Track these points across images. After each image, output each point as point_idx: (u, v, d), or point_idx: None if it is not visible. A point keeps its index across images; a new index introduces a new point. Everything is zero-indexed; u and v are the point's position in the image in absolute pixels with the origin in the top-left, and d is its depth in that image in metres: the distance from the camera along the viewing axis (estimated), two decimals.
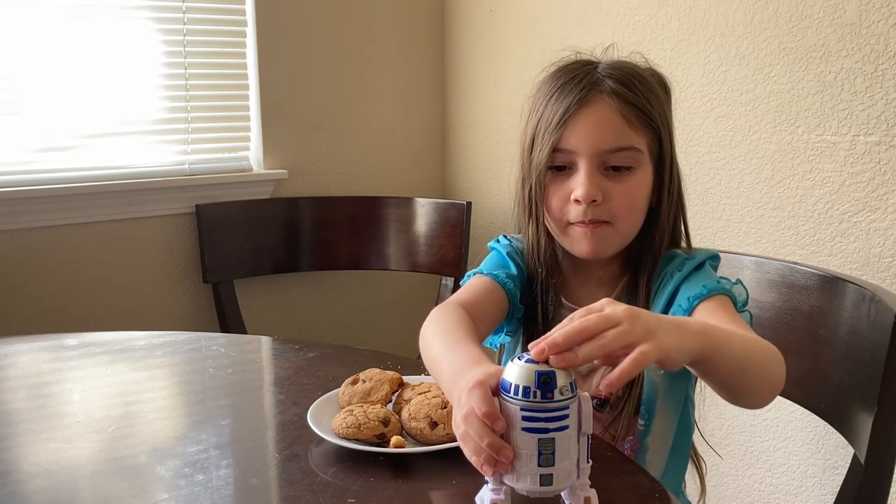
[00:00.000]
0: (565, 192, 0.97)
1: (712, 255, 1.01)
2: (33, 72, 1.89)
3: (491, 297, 1.03)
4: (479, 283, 1.05)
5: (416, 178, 2.50)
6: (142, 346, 1.28)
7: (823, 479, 1.63)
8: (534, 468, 0.67)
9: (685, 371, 1.00)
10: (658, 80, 1.02)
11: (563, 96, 0.97)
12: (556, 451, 0.67)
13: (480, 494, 0.73)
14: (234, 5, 2.14)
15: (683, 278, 0.96)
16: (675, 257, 1.00)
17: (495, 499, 0.70)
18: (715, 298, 0.92)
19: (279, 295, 2.29)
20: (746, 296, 0.98)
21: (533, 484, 0.68)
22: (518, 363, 0.68)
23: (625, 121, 0.95)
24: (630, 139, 0.95)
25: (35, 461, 0.88)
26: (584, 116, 0.95)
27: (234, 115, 2.19)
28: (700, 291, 0.92)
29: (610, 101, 0.95)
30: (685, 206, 1.05)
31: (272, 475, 0.84)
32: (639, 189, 0.97)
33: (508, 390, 0.67)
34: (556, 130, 0.96)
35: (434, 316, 0.96)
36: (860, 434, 0.96)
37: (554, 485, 0.68)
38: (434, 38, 2.48)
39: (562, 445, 0.67)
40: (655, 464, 1.01)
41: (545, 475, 0.67)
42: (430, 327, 0.94)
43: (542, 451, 0.67)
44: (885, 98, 1.47)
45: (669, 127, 1.00)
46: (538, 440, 0.67)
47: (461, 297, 1.01)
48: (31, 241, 1.91)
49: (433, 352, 0.89)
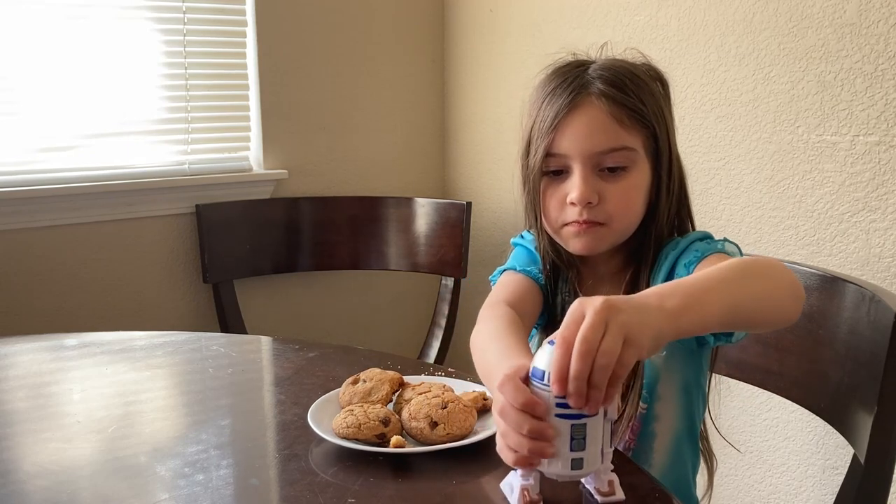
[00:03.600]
0: (561, 195, 0.98)
1: (704, 235, 1.01)
2: (33, 72, 1.89)
3: (530, 295, 1.04)
4: (516, 280, 1.06)
5: (416, 178, 2.50)
6: (142, 346, 1.28)
7: (823, 479, 1.63)
8: (566, 452, 0.69)
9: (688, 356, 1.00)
10: (654, 75, 1.02)
11: (553, 100, 0.98)
12: (587, 435, 0.69)
13: (508, 481, 0.75)
14: (234, 5, 2.14)
15: (679, 255, 0.97)
16: (670, 241, 1.01)
17: (525, 484, 0.72)
18: (710, 257, 0.93)
19: (279, 295, 2.29)
20: (739, 251, 0.98)
21: (564, 468, 0.70)
22: (549, 350, 0.69)
23: (616, 121, 0.95)
24: (622, 139, 0.96)
25: (35, 461, 0.88)
26: (574, 120, 0.96)
27: (234, 115, 2.19)
28: (694, 256, 0.94)
29: (599, 102, 0.95)
30: (689, 200, 1.05)
31: (272, 475, 0.84)
32: (635, 188, 0.98)
33: (542, 378, 0.69)
34: (548, 135, 0.97)
35: (485, 318, 0.97)
36: (860, 434, 0.96)
37: (584, 468, 0.70)
38: (434, 38, 2.48)
39: (592, 430, 0.69)
40: (661, 451, 1.01)
41: (576, 459, 0.70)
42: (482, 332, 0.95)
43: (575, 435, 0.69)
44: (885, 98, 1.47)
45: (666, 123, 1.00)
46: (571, 426, 0.69)
47: (506, 296, 1.01)
48: (31, 241, 1.91)
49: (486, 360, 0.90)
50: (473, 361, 0.95)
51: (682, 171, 1.04)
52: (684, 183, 1.04)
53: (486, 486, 0.82)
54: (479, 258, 2.36)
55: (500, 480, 0.81)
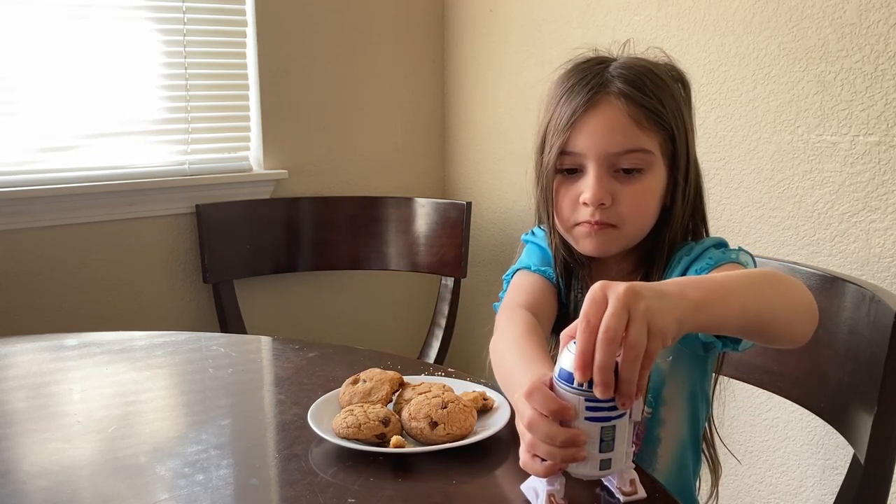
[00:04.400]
0: (574, 194, 0.97)
1: (719, 242, 0.99)
2: (33, 72, 1.89)
3: (546, 296, 1.03)
4: (532, 281, 1.04)
5: (416, 178, 2.50)
6: (142, 346, 1.28)
7: (823, 479, 1.63)
8: (595, 454, 0.70)
9: (694, 361, 1.00)
10: (676, 75, 1.00)
11: (571, 97, 0.96)
12: (615, 437, 0.70)
13: (531, 485, 0.75)
14: (234, 5, 2.14)
15: (692, 261, 0.96)
16: (684, 245, 1.00)
17: (551, 489, 0.72)
18: (723, 267, 0.92)
19: (279, 295, 2.29)
20: (753, 262, 0.97)
21: (593, 469, 0.71)
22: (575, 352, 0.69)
23: (634, 122, 0.94)
24: (639, 141, 0.94)
25: (35, 461, 0.88)
26: (591, 119, 0.94)
27: (234, 115, 2.19)
28: (707, 263, 0.92)
29: (618, 102, 0.94)
30: (704, 205, 1.03)
31: (272, 475, 0.84)
32: (649, 192, 0.96)
33: (571, 381, 0.69)
34: (564, 133, 0.95)
35: (503, 325, 0.95)
36: (860, 434, 0.96)
37: (611, 468, 0.71)
38: (434, 38, 2.48)
39: (620, 431, 0.70)
40: (665, 455, 1.01)
41: (605, 460, 0.70)
42: (500, 339, 0.94)
43: (604, 437, 0.69)
44: (885, 98, 1.47)
45: (685, 126, 0.98)
46: (601, 428, 0.69)
47: (523, 300, 1.00)
48: (31, 241, 1.91)
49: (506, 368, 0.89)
50: (493, 370, 0.94)
51: (698, 175, 1.02)
52: (700, 188, 1.02)
53: (487, 486, 0.82)
54: (479, 258, 2.36)
55: (499, 480, 0.81)
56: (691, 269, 0.95)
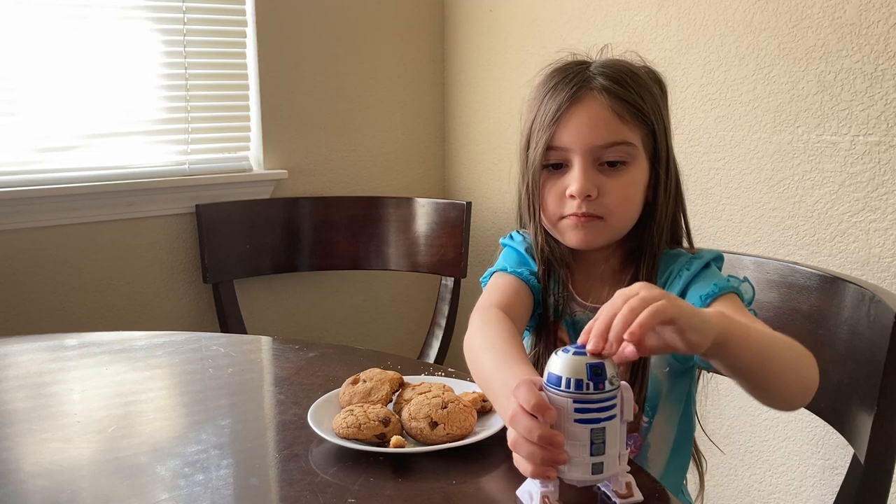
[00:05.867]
0: (560, 188, 0.98)
1: (717, 256, 1.01)
2: (33, 72, 1.89)
3: (521, 297, 1.04)
4: (507, 282, 1.05)
5: (416, 178, 2.50)
6: (142, 346, 1.28)
7: (823, 478, 1.63)
8: (586, 458, 0.69)
9: (688, 368, 1.01)
10: (653, 76, 1.03)
11: (555, 95, 0.98)
12: (606, 439, 0.69)
13: (526, 488, 0.74)
14: (234, 5, 2.14)
15: (692, 277, 0.97)
16: (679, 256, 1.01)
17: (545, 491, 0.71)
18: (726, 296, 0.93)
19: (279, 295, 2.29)
20: (753, 294, 0.98)
21: (585, 474, 0.70)
22: (564, 356, 0.69)
23: (617, 116, 0.96)
24: (623, 134, 0.96)
25: (35, 461, 0.88)
26: (576, 113, 0.96)
27: (234, 115, 2.19)
28: (712, 290, 0.93)
29: (601, 97, 0.96)
30: (685, 202, 1.05)
31: (272, 475, 0.84)
32: (633, 184, 0.98)
33: (558, 384, 0.69)
34: (549, 128, 0.97)
35: (478, 325, 0.96)
36: (860, 434, 0.96)
37: (604, 472, 0.70)
38: (434, 38, 2.48)
39: (611, 434, 0.69)
40: (657, 460, 1.02)
41: (596, 464, 0.70)
42: (476, 338, 0.94)
43: (594, 440, 0.69)
44: (885, 98, 1.47)
45: (664, 123, 1.01)
46: (590, 430, 0.69)
47: (497, 300, 1.01)
48: (31, 241, 1.91)
49: (484, 369, 0.90)
50: (469, 368, 0.94)
51: (678, 173, 1.04)
52: (680, 185, 1.04)
53: (487, 486, 0.82)
54: (478, 258, 2.36)
55: (499, 480, 0.81)
56: (692, 287, 0.96)
